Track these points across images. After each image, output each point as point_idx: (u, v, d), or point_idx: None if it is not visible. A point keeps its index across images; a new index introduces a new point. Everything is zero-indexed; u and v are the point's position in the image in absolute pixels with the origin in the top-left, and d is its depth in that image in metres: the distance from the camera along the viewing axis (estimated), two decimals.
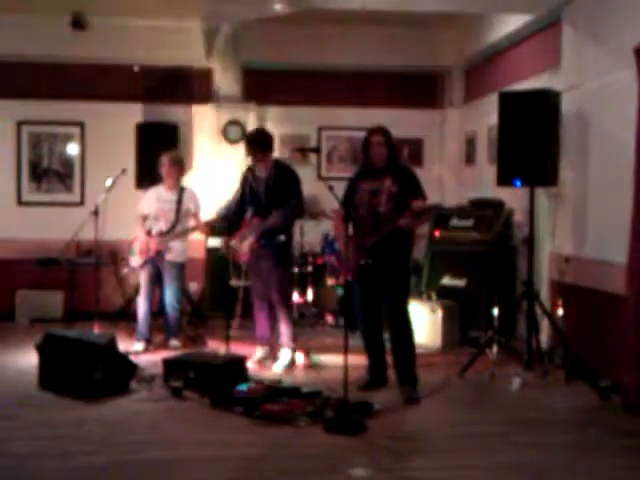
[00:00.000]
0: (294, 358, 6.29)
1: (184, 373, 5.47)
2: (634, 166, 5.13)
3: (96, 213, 6.64)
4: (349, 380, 4.79)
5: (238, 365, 5.72)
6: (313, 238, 8.29)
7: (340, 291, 7.69)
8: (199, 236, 7.50)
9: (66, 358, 5.50)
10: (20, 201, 8.68)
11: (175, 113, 8.70)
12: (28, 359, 6.17)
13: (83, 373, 5.37)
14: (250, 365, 5.98)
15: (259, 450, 4.39)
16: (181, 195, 6.92)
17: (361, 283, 5.53)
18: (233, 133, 8.70)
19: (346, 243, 5.10)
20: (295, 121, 8.91)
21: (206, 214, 7.18)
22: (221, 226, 6.72)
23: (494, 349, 6.23)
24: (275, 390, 5.27)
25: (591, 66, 6.06)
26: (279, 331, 6.31)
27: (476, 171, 8.58)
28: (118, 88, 8.68)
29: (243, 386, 5.28)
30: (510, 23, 7.31)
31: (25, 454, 4.29)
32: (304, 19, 7.95)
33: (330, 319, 8.09)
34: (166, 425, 4.87)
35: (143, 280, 6.92)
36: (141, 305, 6.92)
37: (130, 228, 7.07)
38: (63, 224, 7.68)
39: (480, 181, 8.25)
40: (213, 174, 8.60)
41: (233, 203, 6.35)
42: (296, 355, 6.32)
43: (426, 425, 4.95)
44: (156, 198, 6.95)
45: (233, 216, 6.31)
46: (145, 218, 6.95)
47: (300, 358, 6.35)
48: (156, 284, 7.01)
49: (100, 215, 6.64)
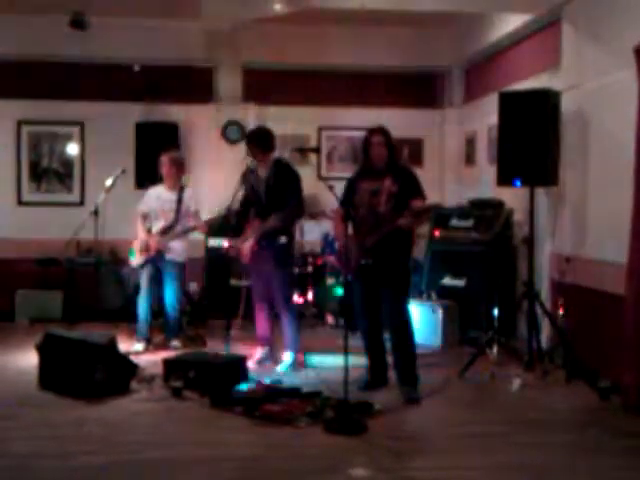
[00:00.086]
0: (297, 361, 6.26)
1: (184, 373, 5.46)
2: (634, 166, 5.12)
3: (96, 213, 6.66)
4: (349, 380, 4.79)
5: (238, 365, 5.72)
6: (313, 238, 8.29)
7: (339, 291, 7.69)
8: (199, 236, 7.49)
9: (66, 358, 5.50)
10: (20, 201, 8.69)
11: (175, 113, 8.70)
12: (28, 359, 6.17)
13: (83, 373, 5.37)
14: (250, 365, 5.98)
15: (259, 450, 4.39)
16: (181, 195, 6.92)
17: (361, 283, 5.53)
18: (233, 133, 8.72)
19: (346, 243, 5.10)
20: (295, 121, 8.90)
21: (206, 214, 7.18)
22: (221, 226, 6.72)
23: (494, 349, 6.23)
24: (275, 390, 5.27)
25: (591, 66, 6.06)
26: (283, 333, 6.27)
27: (476, 171, 8.57)
28: (118, 88, 8.69)
29: (243, 386, 5.29)
30: (510, 23, 7.30)
31: (25, 454, 4.28)
32: (304, 19, 7.95)
33: (330, 319, 8.08)
34: (166, 425, 4.87)
35: (143, 280, 6.93)
36: (141, 305, 6.92)
37: (130, 228, 7.07)
38: (63, 224, 7.70)
39: (480, 181, 8.25)
40: (213, 174, 8.60)
41: (238, 204, 6.35)
42: (298, 357, 6.29)
43: (426, 425, 4.95)
44: (156, 198, 6.95)
45: (238, 216, 6.31)
46: (145, 217, 6.96)
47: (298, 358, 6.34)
48: (156, 284, 7.01)
49: (100, 215, 6.67)
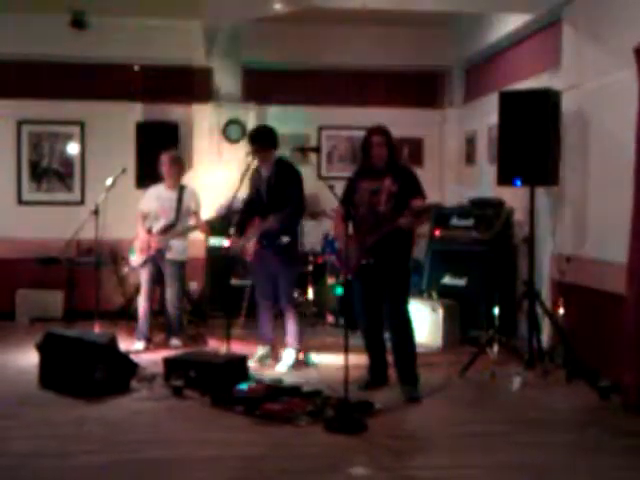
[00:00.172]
0: (298, 359, 6.26)
1: (185, 372, 5.47)
2: (634, 166, 5.12)
3: (96, 212, 6.66)
4: (350, 379, 4.79)
5: (239, 364, 5.72)
6: (313, 237, 8.29)
7: (340, 290, 7.69)
8: (199, 235, 7.50)
9: (66, 357, 5.50)
10: (20, 200, 8.68)
11: (175, 112, 8.69)
12: (28, 358, 6.17)
13: (83, 372, 5.37)
14: (251, 364, 5.98)
15: (260, 449, 4.39)
16: (181, 194, 6.92)
17: (361, 282, 5.53)
18: (233, 132, 8.71)
19: (346, 242, 5.11)
20: (295, 120, 8.89)
21: (206, 213, 7.18)
22: (221, 225, 6.72)
23: (495, 348, 6.24)
24: (276, 389, 5.27)
25: (591, 66, 6.06)
26: (286, 330, 6.28)
27: (476, 171, 8.57)
28: (118, 87, 8.67)
29: (244, 385, 5.28)
30: (510, 23, 7.30)
31: (25, 453, 4.29)
32: (304, 18, 7.94)
33: (330, 318, 8.09)
34: (167, 424, 4.88)
35: (144, 279, 6.93)
36: (142, 304, 6.92)
37: (130, 227, 7.07)
38: (63, 223, 7.70)
39: (480, 180, 8.25)
40: (213, 173, 8.60)
41: (242, 203, 6.36)
42: (299, 356, 6.30)
43: (427, 424, 4.95)
44: (156, 197, 6.96)
45: (242, 216, 6.31)
46: (145, 217, 6.96)
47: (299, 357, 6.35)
48: (157, 283, 7.02)
49: (100, 214, 6.66)
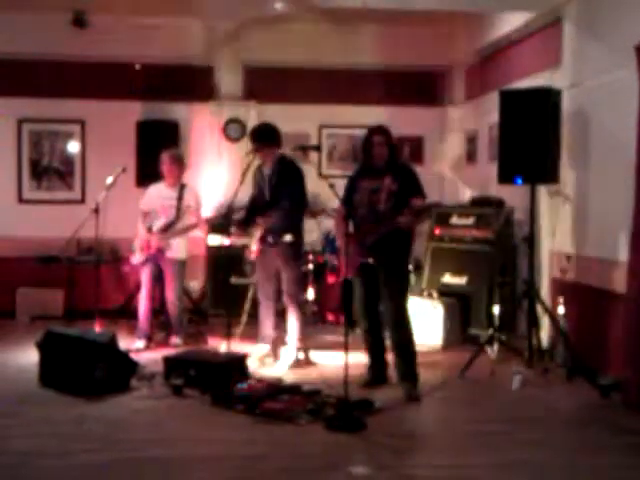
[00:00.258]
0: (298, 357, 6.25)
1: (185, 371, 5.47)
2: (635, 164, 5.12)
3: (96, 211, 6.65)
4: (350, 378, 4.79)
5: (239, 363, 5.72)
6: (314, 236, 8.28)
7: (340, 289, 7.68)
8: (200, 233, 7.49)
9: (67, 356, 5.50)
10: (21, 199, 8.67)
11: (176, 111, 8.68)
12: (28, 357, 6.16)
13: (84, 371, 5.37)
14: (251, 363, 5.98)
15: (260, 448, 4.39)
16: (182, 192, 6.92)
17: (361, 281, 5.53)
18: (234, 131, 8.70)
19: (346, 241, 5.10)
20: (295, 119, 8.85)
21: (207, 211, 7.18)
22: (221, 223, 6.71)
23: (495, 347, 6.22)
24: (276, 388, 5.27)
25: (592, 64, 6.06)
26: (288, 328, 6.27)
27: (477, 169, 8.57)
28: (119, 86, 8.67)
29: (244, 384, 5.28)
30: (511, 21, 7.30)
31: (25, 452, 4.29)
32: (304, 17, 7.93)
33: (330, 317, 8.08)
34: (167, 423, 4.87)
35: (144, 277, 6.93)
36: (142, 303, 6.92)
37: (131, 226, 7.07)
38: (64, 222, 7.68)
39: (481, 179, 8.25)
40: (213, 172, 8.60)
41: (249, 201, 6.37)
42: (300, 354, 6.29)
43: (426, 423, 4.96)
44: (157, 195, 6.96)
45: (248, 214, 6.31)
46: (146, 215, 6.96)
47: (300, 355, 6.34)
48: (157, 281, 7.01)
49: (100, 213, 6.65)
